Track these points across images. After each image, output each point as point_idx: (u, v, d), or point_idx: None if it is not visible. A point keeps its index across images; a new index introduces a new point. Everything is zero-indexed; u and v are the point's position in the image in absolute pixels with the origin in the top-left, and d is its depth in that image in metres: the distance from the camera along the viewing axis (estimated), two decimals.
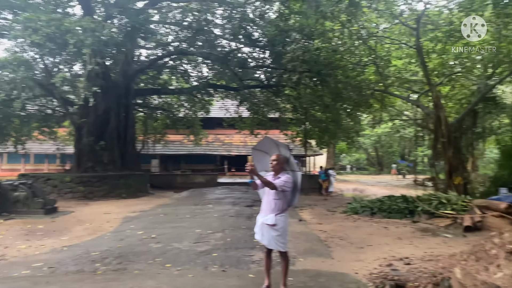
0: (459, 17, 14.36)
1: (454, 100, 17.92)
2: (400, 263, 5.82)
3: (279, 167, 4.40)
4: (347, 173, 44.47)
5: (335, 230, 8.85)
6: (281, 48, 13.85)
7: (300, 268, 5.56)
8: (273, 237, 4.32)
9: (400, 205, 11.14)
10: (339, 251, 6.73)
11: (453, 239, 8.01)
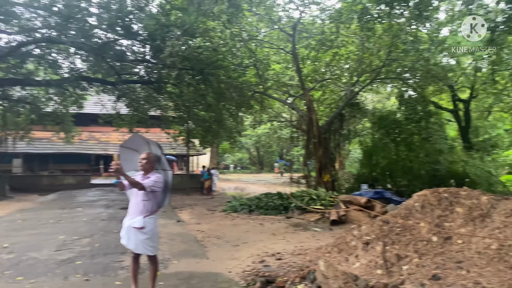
0: (329, 27, 15.59)
1: (325, 104, 19.45)
2: (272, 259, 6.01)
3: (149, 166, 4.14)
4: (230, 172, 45.32)
5: (213, 230, 8.83)
6: (161, 43, 13.40)
7: (173, 271, 5.36)
8: (141, 241, 4.05)
9: (275, 202, 11.65)
10: (215, 251, 6.70)
11: (321, 233, 8.61)
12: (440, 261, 4.15)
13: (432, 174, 15.05)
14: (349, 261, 4.89)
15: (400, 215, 5.04)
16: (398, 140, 16.14)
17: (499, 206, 4.59)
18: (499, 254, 3.90)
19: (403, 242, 4.61)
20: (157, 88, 18.35)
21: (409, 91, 17.59)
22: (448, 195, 5.05)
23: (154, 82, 17.97)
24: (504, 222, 4.28)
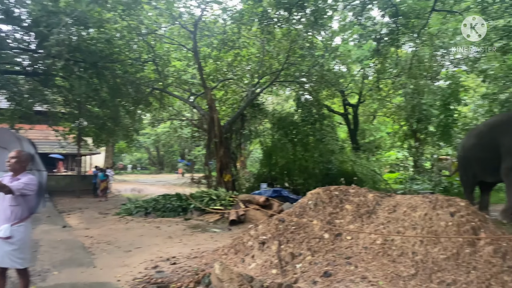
0: (231, 27, 15.63)
1: (227, 104, 19.49)
2: (166, 264, 5.70)
3: (19, 166, 3.58)
4: (127, 173, 43.19)
5: (104, 235, 8.18)
6: (47, 31, 12.12)
7: (52, 284, 4.77)
8: (8, 253, 3.48)
9: (174, 203, 11.26)
10: (104, 258, 6.16)
11: (220, 234, 8.49)
12: (331, 258, 4.27)
13: (325, 173, 15.95)
14: (246, 262, 4.82)
15: (295, 214, 5.13)
16: (295, 141, 16.86)
17: (383, 203, 4.91)
18: (383, 249, 4.14)
19: (297, 240, 4.68)
20: (43, 80, 16.60)
21: (306, 95, 18.46)
22: (338, 193, 5.27)
23: (40, 74, 16.23)
24: (388, 218, 4.58)
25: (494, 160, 9.46)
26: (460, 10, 14.10)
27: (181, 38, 16.75)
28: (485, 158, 9.87)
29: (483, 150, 9.93)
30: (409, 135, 22.59)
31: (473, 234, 4.00)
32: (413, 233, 4.14)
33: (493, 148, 9.51)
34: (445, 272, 3.60)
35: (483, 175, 10.26)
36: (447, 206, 4.34)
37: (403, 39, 16.02)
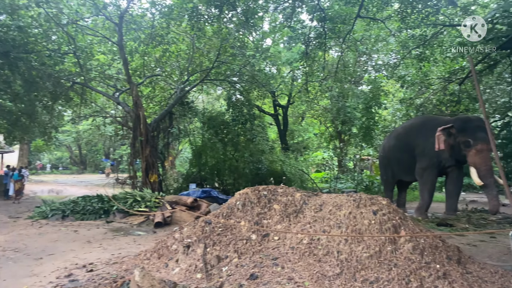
0: (160, 22, 15.07)
1: (154, 102, 18.80)
2: (82, 272, 5.23)
3: None
4: (46, 173, 40.11)
5: (12, 241, 7.38)
6: None
7: None
8: None
9: (95, 205, 10.56)
10: (9, 267, 5.52)
11: (144, 237, 8.07)
12: (258, 259, 4.17)
13: (255, 173, 16.00)
14: (169, 267, 4.55)
15: (222, 215, 4.97)
16: (226, 140, 16.72)
17: (310, 202, 4.92)
18: (309, 248, 4.12)
19: (224, 243, 4.52)
20: None
21: (237, 94, 18.40)
22: (267, 192, 5.20)
23: None
24: (314, 217, 4.59)
25: (410, 161, 10.09)
26: (382, 18, 14.90)
27: (106, 30, 15.81)
28: (402, 158, 10.50)
29: (400, 151, 10.57)
30: (334, 136, 23.50)
31: (394, 231, 4.13)
32: (338, 232, 4.17)
33: (409, 149, 10.15)
34: (368, 270, 3.66)
35: (401, 175, 10.93)
36: (370, 205, 4.44)
37: (330, 44, 16.60)
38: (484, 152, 8.51)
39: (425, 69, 16.99)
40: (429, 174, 9.66)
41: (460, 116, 9.82)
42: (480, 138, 8.52)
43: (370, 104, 18.98)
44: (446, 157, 9.19)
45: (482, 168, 8.43)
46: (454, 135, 8.89)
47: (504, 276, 3.88)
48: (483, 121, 9.35)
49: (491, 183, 8.39)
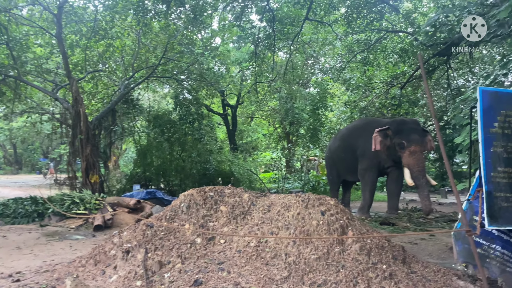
0: (103, 15, 14.37)
1: (97, 99, 17.90)
2: (7, 282, 4.73)
3: None
4: None
5: None
6: None
7: None
8: None
9: (28, 208, 9.77)
10: None
11: (81, 241, 7.55)
12: (203, 264, 3.96)
13: (203, 173, 15.70)
14: (106, 274, 4.22)
15: (165, 217, 4.70)
16: (173, 140, 16.25)
17: (258, 203, 4.79)
18: (257, 251, 3.98)
19: (167, 247, 4.25)
20: None
21: (185, 93, 17.98)
22: (213, 193, 5.00)
23: None
24: (262, 219, 4.46)
25: (353, 161, 10.34)
26: (330, 22, 15.20)
27: (44, 22, 14.80)
28: (345, 159, 10.75)
29: (344, 152, 10.82)
30: (282, 137, 23.72)
31: (342, 232, 4.09)
32: (286, 234, 4.07)
33: (351, 150, 10.40)
34: (316, 272, 3.58)
35: (345, 175, 11.18)
36: (318, 205, 4.39)
37: (279, 45, 16.69)
38: (417, 154, 8.80)
39: (369, 73, 17.58)
40: (370, 175, 9.92)
41: (397, 119, 10.22)
42: (414, 140, 8.83)
43: (317, 106, 19.34)
44: (384, 158, 9.48)
45: (415, 169, 8.71)
46: (390, 137, 9.17)
47: (446, 274, 3.97)
48: (418, 124, 9.75)
49: (423, 183, 8.66)
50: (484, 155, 3.68)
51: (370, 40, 14.80)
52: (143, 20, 13.30)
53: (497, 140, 3.73)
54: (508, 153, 3.75)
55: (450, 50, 12.75)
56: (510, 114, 3.80)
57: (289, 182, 18.32)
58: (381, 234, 4.32)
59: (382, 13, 13.53)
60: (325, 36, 17.20)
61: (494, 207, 3.59)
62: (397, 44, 15.36)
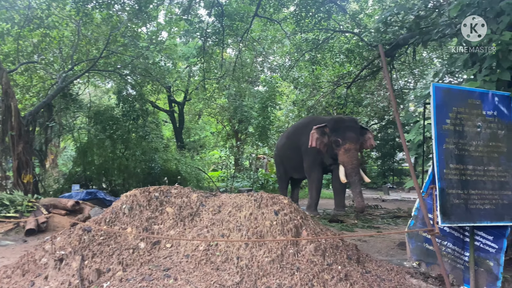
0: (39, 3, 13.33)
1: (32, 92, 16.61)
2: None
3: None
4: None
5: None
6: None
7: None
8: None
9: None
10: None
11: (10, 248, 6.84)
12: (147, 271, 3.61)
13: (148, 172, 15.11)
14: (36, 286, 3.74)
15: (105, 220, 4.27)
16: (115, 137, 15.45)
17: (208, 203, 4.50)
18: (206, 255, 3.70)
19: (106, 253, 3.85)
20: None
21: (128, 88, 17.17)
22: (159, 194, 4.64)
23: None
24: (212, 220, 4.18)
25: (298, 159, 10.34)
26: (279, 20, 15.15)
27: None
28: (291, 156, 10.75)
29: (289, 150, 10.82)
30: (231, 135, 23.47)
31: (296, 232, 3.92)
32: (238, 235, 3.82)
33: (296, 147, 10.41)
34: (270, 276, 3.37)
35: (292, 172, 11.19)
36: (271, 205, 4.19)
37: (228, 41, 16.40)
38: (351, 151, 8.91)
39: (317, 72, 17.79)
40: (315, 172, 9.95)
41: (335, 117, 10.36)
42: (349, 138, 8.95)
43: (266, 104, 19.30)
44: (324, 155, 9.53)
45: (348, 167, 8.83)
46: (328, 135, 9.24)
47: (399, 272, 3.92)
48: (356, 122, 9.87)
49: (355, 181, 8.80)
50: (438, 152, 3.65)
51: (318, 40, 14.93)
52: (83, 9, 12.45)
53: (449, 137, 3.73)
54: (459, 150, 3.76)
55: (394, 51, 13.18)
56: (461, 111, 3.81)
57: (237, 181, 18.12)
58: (351, 234, 4.20)
59: (329, 13, 13.67)
60: (274, 34, 17.16)
61: (447, 204, 3.58)
62: (343, 44, 15.64)
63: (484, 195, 3.77)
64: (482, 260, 3.84)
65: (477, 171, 3.79)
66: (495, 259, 3.82)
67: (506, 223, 3.80)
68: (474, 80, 4.10)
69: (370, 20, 15.02)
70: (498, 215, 3.78)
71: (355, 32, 14.40)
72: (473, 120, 3.85)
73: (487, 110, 3.91)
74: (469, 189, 3.71)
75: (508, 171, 3.94)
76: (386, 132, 23.67)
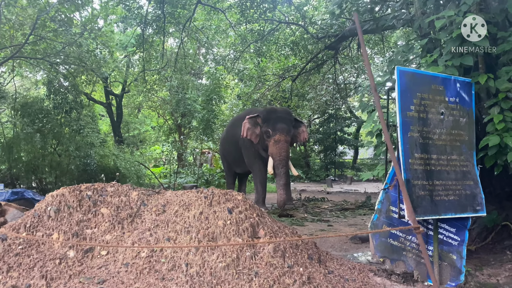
0: None
1: None
2: None
3: None
4: None
5: None
6: None
7: None
8: None
9: None
10: None
11: None
12: (77, 285, 3.02)
13: (83, 169, 14.01)
14: None
15: (25, 226, 3.58)
16: (45, 132, 14.12)
17: (150, 202, 3.95)
18: (149, 263, 3.17)
19: (26, 266, 3.19)
20: None
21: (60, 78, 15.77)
22: (92, 192, 4.00)
23: None
24: (156, 221, 3.64)
25: (238, 153, 9.97)
26: (223, 9, 14.62)
27: None
28: (231, 150, 10.37)
29: (229, 143, 10.45)
30: (173, 129, 22.61)
31: (253, 232, 3.50)
32: (187, 238, 3.33)
33: (234, 141, 10.02)
34: (225, 284, 2.92)
35: (235, 167, 10.78)
36: (224, 202, 3.73)
37: (169, 29, 15.58)
38: (281, 143, 8.68)
39: (262, 65, 17.51)
40: (256, 165, 9.61)
41: (268, 107, 10.13)
42: (279, 129, 8.71)
43: (211, 96, 18.72)
44: (258, 147, 9.25)
45: (276, 158, 8.62)
46: (260, 125, 8.99)
47: (362, 271, 3.65)
48: (289, 113, 9.62)
49: (281, 173, 8.60)
50: (402, 141, 3.41)
51: (263, 31, 14.59)
52: None
53: (414, 125, 3.50)
54: (424, 138, 3.55)
55: (339, 44, 13.20)
56: (425, 97, 3.60)
57: (181, 177, 17.42)
58: (323, 235, 3.84)
59: (275, 4, 13.39)
60: (218, 24, 16.59)
61: (413, 196, 3.35)
62: (289, 36, 15.47)
63: (448, 186, 3.59)
64: (445, 253, 3.67)
65: (441, 160, 3.61)
66: (457, 252, 3.67)
67: (469, 214, 3.67)
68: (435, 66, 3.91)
69: (315, 12, 14.97)
70: (461, 206, 3.63)
71: (300, 24, 14.25)
72: (436, 107, 3.66)
73: (450, 97, 3.74)
74: (433, 179, 3.51)
75: (470, 160, 3.81)
76: (328, 126, 24.03)
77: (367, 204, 10.38)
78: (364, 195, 12.94)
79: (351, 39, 14.38)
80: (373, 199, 11.01)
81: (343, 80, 20.08)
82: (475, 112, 3.92)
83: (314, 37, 13.41)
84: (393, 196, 3.64)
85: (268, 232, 3.53)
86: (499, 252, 4.17)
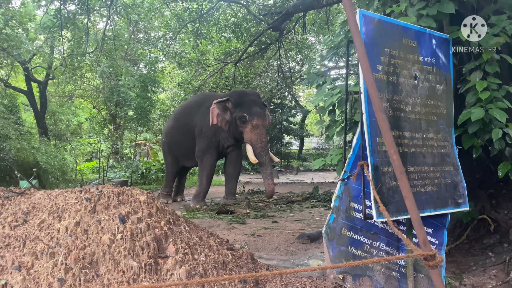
0: None
1: None
2: None
3: None
4: None
5: None
6: None
7: None
8: None
9: None
10: None
11: None
12: None
13: None
14: None
15: None
16: None
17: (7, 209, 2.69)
18: None
19: None
20: None
21: None
22: None
23: None
24: (7, 238, 2.41)
25: (190, 143, 8.85)
26: None
27: None
28: (181, 141, 9.15)
29: (179, 133, 9.21)
30: (108, 120, 20.80)
31: (157, 249, 2.39)
32: (48, 265, 2.16)
33: (187, 130, 8.88)
34: None
35: (183, 160, 9.53)
36: (116, 205, 2.56)
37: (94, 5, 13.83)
38: (260, 128, 8.01)
39: (202, 48, 16.26)
40: (208, 157, 8.56)
41: (237, 90, 9.23)
42: (256, 113, 8.01)
43: (146, 82, 17.19)
44: (225, 136, 8.34)
45: (258, 145, 7.93)
46: (230, 110, 8.07)
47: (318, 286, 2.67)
48: (259, 96, 8.94)
49: (266, 161, 7.98)
50: (368, 112, 2.45)
51: (201, 10, 13.33)
52: None
53: (382, 91, 2.55)
54: (394, 110, 2.62)
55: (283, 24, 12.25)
56: (395, 55, 2.66)
57: (115, 171, 15.84)
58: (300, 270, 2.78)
59: None
60: (152, 1, 15.05)
61: (383, 189, 2.41)
62: (230, 17, 14.36)
63: (425, 173, 2.69)
64: (420, 262, 2.79)
65: (415, 139, 2.70)
66: None
67: (451, 209, 2.80)
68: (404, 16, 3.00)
69: None
70: (441, 199, 2.75)
71: (241, 2, 13.17)
72: (409, 69, 2.73)
73: (425, 56, 2.83)
74: (407, 165, 2.59)
75: (448, 140, 2.94)
76: (274, 115, 23.29)
77: (314, 195, 9.63)
78: (311, 185, 12.20)
79: (295, 21, 13.56)
80: (320, 190, 10.31)
81: (288, 69, 19.34)
82: (453, 78, 3.06)
83: (256, 16, 12.40)
84: (356, 189, 2.67)
85: (182, 248, 2.43)
86: (478, 253, 3.39)
